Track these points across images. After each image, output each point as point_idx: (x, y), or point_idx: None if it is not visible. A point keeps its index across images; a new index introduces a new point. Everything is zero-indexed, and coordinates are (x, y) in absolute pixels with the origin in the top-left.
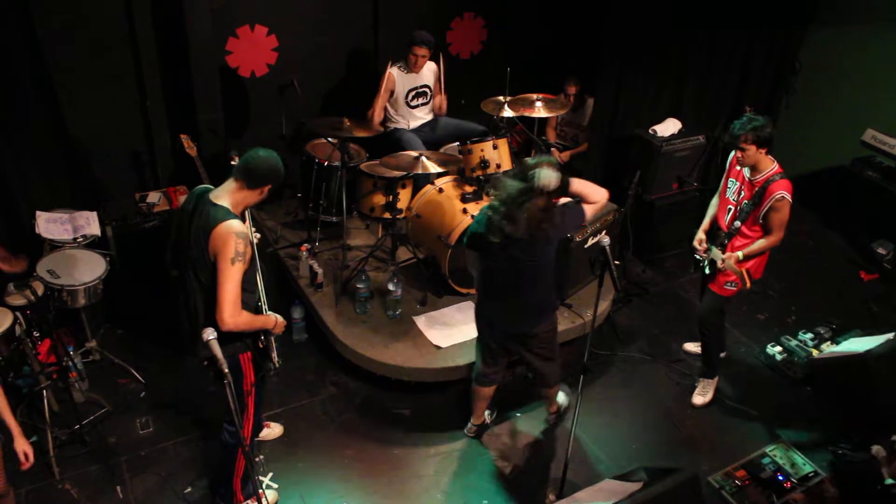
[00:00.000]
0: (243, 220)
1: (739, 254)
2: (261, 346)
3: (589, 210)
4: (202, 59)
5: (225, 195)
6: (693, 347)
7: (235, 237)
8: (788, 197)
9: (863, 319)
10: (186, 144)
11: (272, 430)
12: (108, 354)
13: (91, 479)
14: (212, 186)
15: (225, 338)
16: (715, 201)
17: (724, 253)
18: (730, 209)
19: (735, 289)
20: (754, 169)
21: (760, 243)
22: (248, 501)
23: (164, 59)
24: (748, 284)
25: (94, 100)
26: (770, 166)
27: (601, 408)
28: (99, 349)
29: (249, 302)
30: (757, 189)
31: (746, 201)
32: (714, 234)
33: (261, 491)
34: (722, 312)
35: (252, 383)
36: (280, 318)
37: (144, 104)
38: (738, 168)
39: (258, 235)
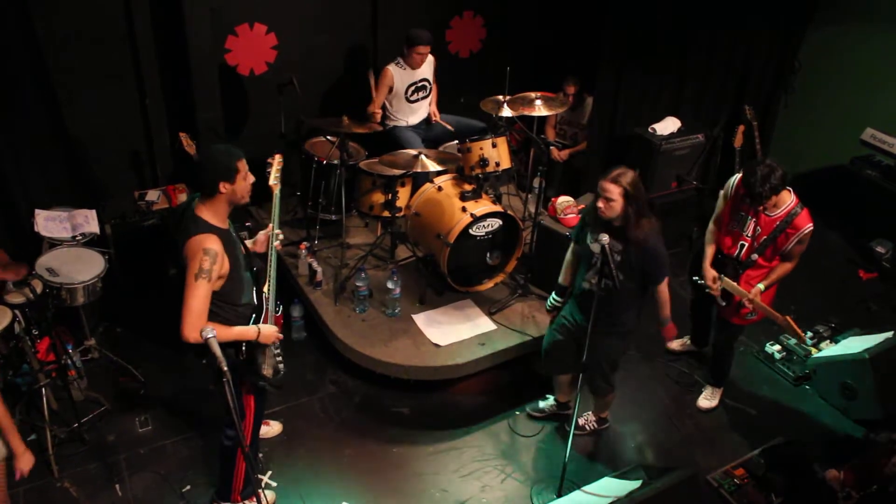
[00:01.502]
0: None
1: (761, 286)
2: (241, 357)
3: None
4: (201, 57)
5: (202, 208)
6: (678, 346)
7: (202, 254)
8: (813, 228)
9: (862, 318)
10: (185, 143)
11: (271, 428)
12: (107, 353)
13: (90, 477)
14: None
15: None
16: (713, 228)
17: (736, 283)
18: (743, 245)
19: (755, 318)
20: (773, 206)
21: (779, 271)
22: (246, 502)
23: (163, 58)
24: (804, 338)
25: (94, 98)
26: (788, 200)
27: None
28: (98, 347)
29: (229, 314)
30: (778, 224)
31: (765, 238)
32: (719, 262)
33: (259, 491)
34: (738, 336)
35: (248, 391)
36: (266, 329)
37: (144, 103)
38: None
39: (281, 236)
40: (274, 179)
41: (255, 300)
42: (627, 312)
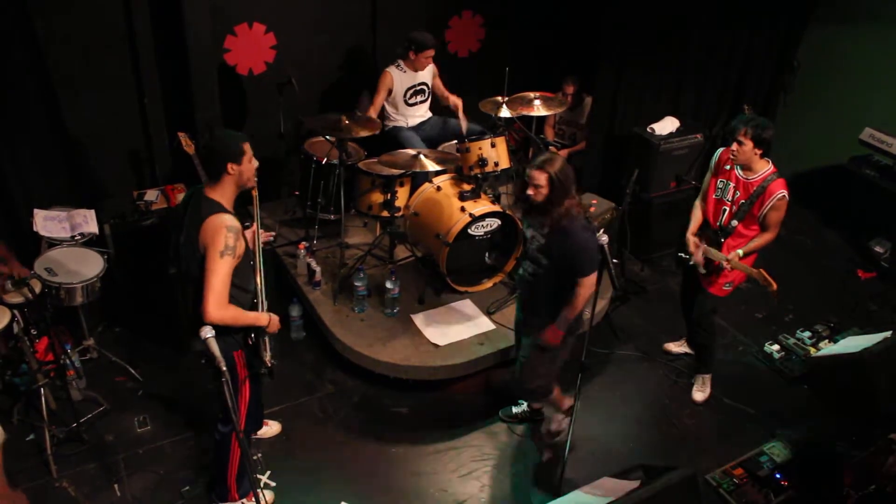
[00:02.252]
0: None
1: (739, 251)
2: (250, 342)
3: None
4: (200, 57)
5: (211, 192)
6: (675, 347)
7: (226, 231)
8: (787, 196)
9: (861, 318)
10: (184, 142)
11: (270, 428)
12: (106, 352)
13: (89, 476)
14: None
15: (217, 334)
16: (699, 203)
17: (720, 251)
18: (724, 209)
19: (731, 289)
20: (748, 169)
21: (758, 241)
22: (244, 500)
23: (162, 58)
24: (774, 286)
25: (93, 98)
26: (765, 167)
27: (599, 406)
28: (97, 347)
29: (241, 299)
30: (755, 189)
31: (743, 201)
32: (703, 234)
33: (258, 490)
34: (715, 311)
35: (246, 376)
36: (275, 318)
37: (143, 102)
38: (728, 168)
39: (273, 234)
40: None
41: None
42: (552, 305)
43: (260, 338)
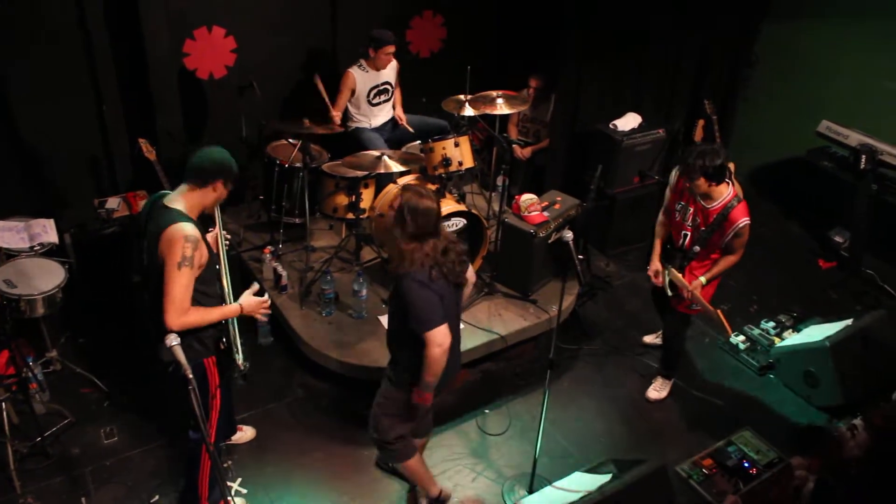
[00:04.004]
0: (213, 224)
1: (702, 279)
2: (222, 347)
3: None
4: (159, 61)
5: (179, 198)
6: (652, 339)
7: (184, 241)
8: (749, 221)
9: (822, 306)
10: (145, 149)
11: (244, 434)
12: (70, 364)
13: (55, 491)
14: (169, 191)
15: (187, 344)
16: (661, 220)
17: (681, 273)
18: (685, 234)
19: (700, 309)
20: (707, 197)
21: (722, 264)
22: None
23: (120, 63)
24: (729, 332)
25: (49, 105)
26: (725, 192)
27: (569, 402)
28: (60, 359)
29: (206, 303)
30: (715, 217)
31: (703, 229)
32: (667, 253)
33: (229, 498)
34: (686, 328)
35: (217, 385)
36: (248, 299)
37: (101, 109)
38: (688, 192)
39: (228, 237)
40: None
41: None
42: (401, 351)
43: (233, 341)
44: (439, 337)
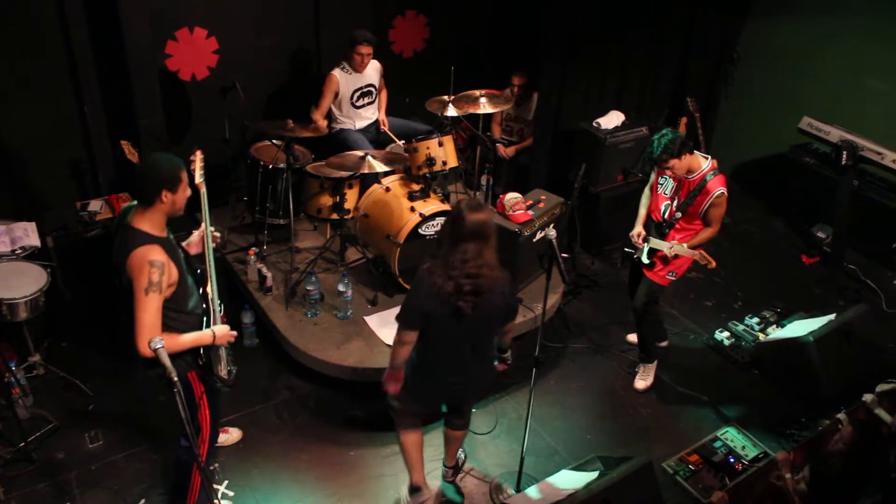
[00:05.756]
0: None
1: (684, 245)
2: (200, 363)
3: None
4: (140, 63)
5: (139, 219)
6: (634, 339)
7: (149, 266)
8: (726, 192)
9: (806, 302)
10: (127, 151)
11: (230, 436)
12: (53, 368)
13: (39, 496)
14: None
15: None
16: (647, 194)
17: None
18: (666, 205)
19: (674, 279)
20: (689, 171)
21: (702, 235)
22: None
23: (101, 64)
24: (713, 263)
25: (30, 107)
26: (703, 164)
27: (555, 400)
28: (43, 363)
29: (180, 323)
30: (694, 187)
31: (683, 199)
32: (647, 227)
33: (215, 501)
34: (656, 301)
35: (202, 392)
36: (221, 331)
37: (82, 110)
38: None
39: (218, 235)
40: (199, 178)
41: (203, 304)
42: None
43: (212, 353)
44: (403, 335)
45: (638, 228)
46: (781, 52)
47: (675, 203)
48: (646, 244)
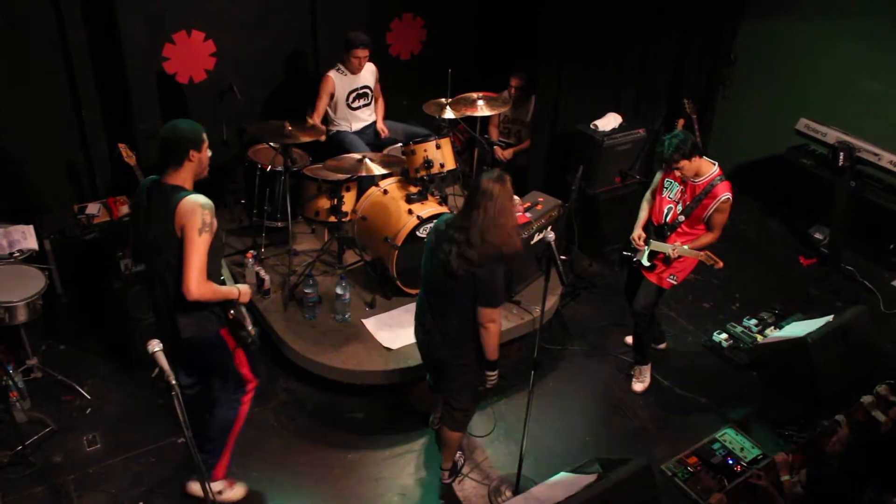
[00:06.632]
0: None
1: (685, 246)
2: (230, 317)
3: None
4: (138, 66)
5: (174, 178)
6: (631, 340)
7: (202, 209)
8: (731, 198)
9: (804, 303)
10: (125, 153)
11: (234, 492)
12: (51, 371)
13: (37, 500)
14: (157, 177)
15: (199, 318)
16: (648, 198)
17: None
18: (669, 208)
19: (675, 282)
20: (696, 174)
21: (703, 240)
22: (225, 483)
23: (98, 68)
24: (720, 263)
25: (28, 110)
26: (710, 169)
27: (553, 402)
28: (40, 366)
29: (215, 274)
30: (700, 191)
31: (689, 202)
32: (647, 230)
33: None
34: (656, 304)
35: (235, 347)
36: (244, 288)
37: (80, 114)
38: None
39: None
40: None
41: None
42: None
43: (236, 311)
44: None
45: (638, 231)
46: (778, 54)
47: (679, 206)
48: (646, 247)
